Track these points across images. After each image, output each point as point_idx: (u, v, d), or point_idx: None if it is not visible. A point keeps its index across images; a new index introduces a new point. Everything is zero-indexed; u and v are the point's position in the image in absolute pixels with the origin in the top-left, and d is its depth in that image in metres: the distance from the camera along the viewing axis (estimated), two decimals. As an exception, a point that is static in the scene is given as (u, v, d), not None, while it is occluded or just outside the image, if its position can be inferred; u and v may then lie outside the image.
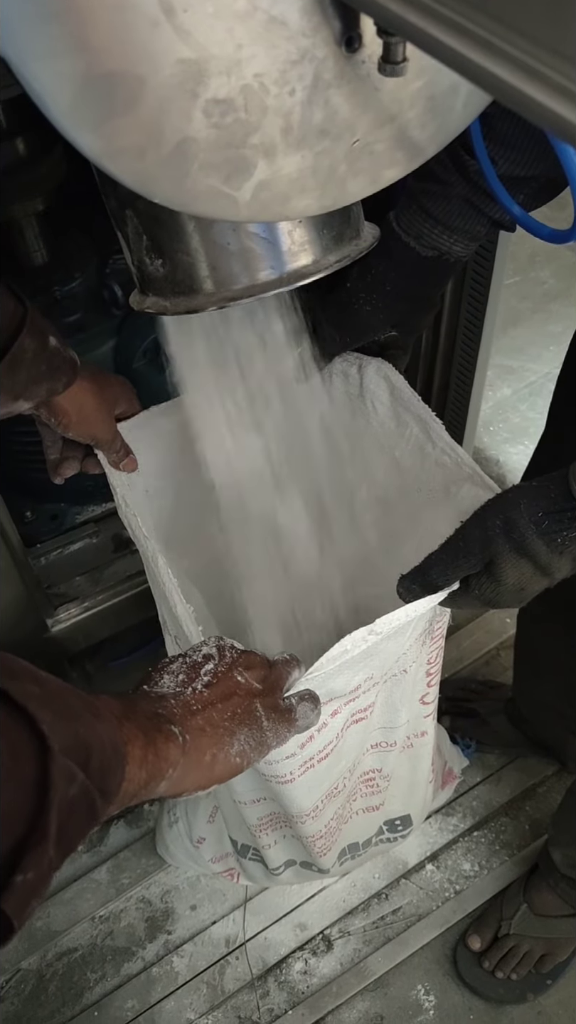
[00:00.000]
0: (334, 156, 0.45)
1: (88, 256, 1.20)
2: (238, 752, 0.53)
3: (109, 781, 0.44)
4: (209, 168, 0.42)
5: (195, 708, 0.53)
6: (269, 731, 0.55)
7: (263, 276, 0.56)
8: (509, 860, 1.23)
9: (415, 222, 0.75)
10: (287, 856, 0.96)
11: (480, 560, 0.63)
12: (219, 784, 0.54)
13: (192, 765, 0.51)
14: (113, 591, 1.24)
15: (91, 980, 1.17)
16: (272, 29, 0.39)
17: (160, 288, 0.58)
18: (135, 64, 0.37)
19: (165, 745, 0.49)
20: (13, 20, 0.33)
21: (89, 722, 0.44)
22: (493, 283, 1.15)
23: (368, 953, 1.17)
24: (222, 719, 0.53)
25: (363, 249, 0.59)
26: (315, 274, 0.56)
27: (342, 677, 0.69)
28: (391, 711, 0.82)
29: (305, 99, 0.42)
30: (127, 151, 0.39)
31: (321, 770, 0.75)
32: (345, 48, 0.42)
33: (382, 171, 0.48)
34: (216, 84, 0.39)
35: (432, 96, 0.46)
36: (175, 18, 0.36)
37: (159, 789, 0.49)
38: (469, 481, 0.77)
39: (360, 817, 0.95)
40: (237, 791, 0.82)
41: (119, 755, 0.46)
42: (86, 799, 0.42)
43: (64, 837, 0.40)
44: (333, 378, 0.88)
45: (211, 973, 1.16)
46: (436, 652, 0.80)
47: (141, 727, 0.49)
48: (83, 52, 0.36)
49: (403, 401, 0.85)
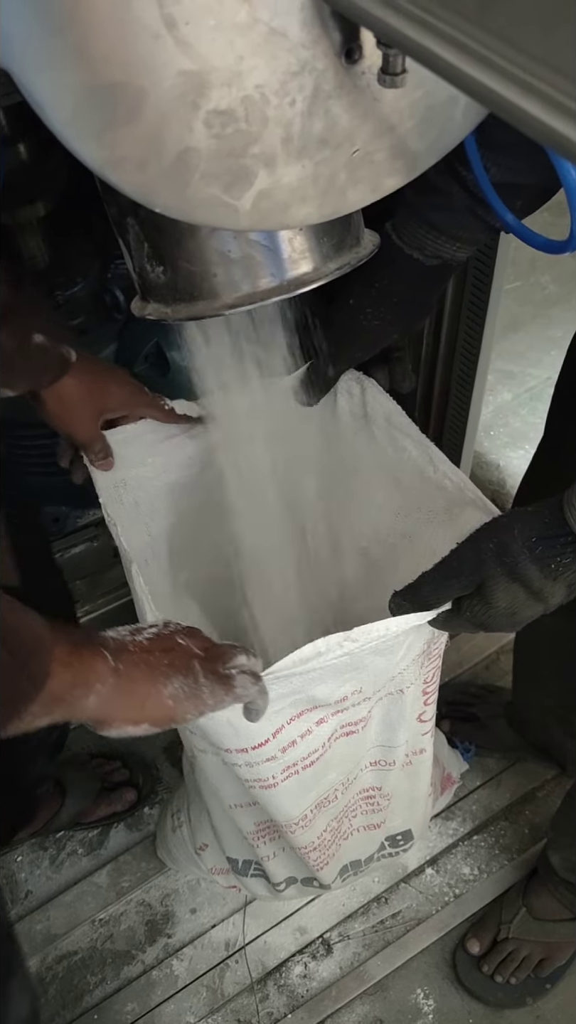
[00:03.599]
0: (334, 166, 0.46)
1: (90, 260, 1.20)
2: (171, 694, 0.54)
3: (31, 663, 0.46)
4: (210, 178, 0.42)
5: (132, 649, 0.54)
6: (205, 687, 0.56)
7: (264, 283, 0.56)
8: (508, 864, 1.23)
9: (417, 234, 0.76)
10: (288, 872, 0.96)
11: (472, 582, 0.64)
12: (152, 726, 0.54)
13: (123, 691, 0.52)
14: (113, 595, 1.25)
15: (91, 983, 1.17)
16: (273, 41, 0.39)
17: (161, 295, 0.58)
18: (137, 76, 0.37)
19: (92, 657, 0.51)
20: (16, 32, 0.34)
21: (14, 612, 0.46)
22: (493, 288, 1.15)
23: (368, 957, 1.17)
24: (159, 663, 0.54)
25: (363, 256, 0.59)
26: (316, 281, 0.57)
27: (325, 685, 0.69)
28: (389, 730, 0.82)
29: (305, 110, 0.43)
30: (128, 161, 0.40)
31: (307, 777, 0.76)
32: (345, 59, 0.42)
33: (382, 180, 0.49)
34: (217, 95, 0.39)
35: (431, 106, 0.46)
36: (176, 31, 0.37)
37: (88, 703, 0.50)
38: (471, 505, 0.77)
39: (361, 834, 0.96)
40: (224, 793, 0.82)
41: (42, 644, 0.47)
42: (11, 679, 0.44)
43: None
44: (337, 396, 0.89)
45: (211, 976, 1.16)
46: (433, 672, 0.81)
47: (68, 636, 0.50)
48: (85, 64, 0.36)
49: (399, 427, 0.86)
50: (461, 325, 1.25)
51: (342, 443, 0.93)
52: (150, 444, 0.87)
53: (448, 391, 1.36)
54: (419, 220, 0.76)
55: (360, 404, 0.90)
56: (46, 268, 1.18)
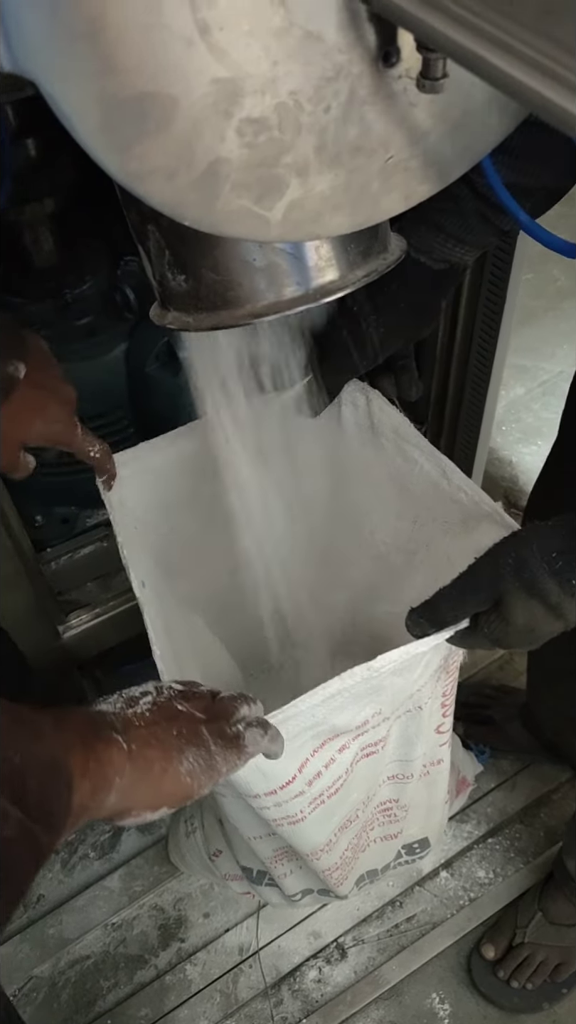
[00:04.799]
0: (368, 173, 0.44)
1: (99, 258, 1.18)
2: (187, 771, 0.50)
3: (53, 808, 0.41)
4: (241, 188, 0.41)
5: (138, 724, 0.50)
6: (218, 755, 0.52)
7: (289, 292, 0.54)
8: (524, 868, 1.22)
9: (426, 239, 0.75)
10: (304, 885, 0.95)
11: (489, 597, 0.62)
12: (168, 808, 0.50)
13: (140, 775, 0.48)
14: (124, 597, 1.23)
15: (104, 988, 1.17)
16: (308, 45, 0.37)
17: (182, 303, 0.57)
18: (168, 84, 0.35)
19: (107, 749, 0.46)
20: (42, 41, 0.32)
21: (21, 742, 0.40)
22: (511, 281, 1.13)
23: (382, 961, 1.16)
24: (168, 736, 0.50)
25: (391, 263, 0.57)
26: (342, 290, 0.55)
27: (346, 713, 0.68)
28: (407, 745, 0.81)
29: (340, 116, 0.41)
30: (157, 173, 0.38)
31: (332, 805, 0.74)
32: (382, 63, 0.40)
33: (415, 187, 0.47)
34: (250, 103, 0.38)
35: (468, 111, 0.44)
36: (210, 36, 0.35)
37: (108, 801, 0.46)
38: (488, 519, 0.76)
39: (378, 845, 0.95)
40: (244, 827, 0.81)
41: (61, 774, 0.42)
42: (26, 839, 0.38)
43: (4, 886, 0.36)
44: (342, 407, 0.88)
45: (224, 981, 1.16)
46: (451, 685, 0.80)
47: (78, 732, 0.45)
48: (114, 73, 0.34)
49: (408, 439, 0.84)
50: (477, 319, 1.23)
51: (348, 454, 0.91)
52: (151, 463, 0.85)
53: (463, 387, 1.34)
54: (427, 224, 0.74)
55: (366, 415, 0.88)
56: (55, 266, 1.16)
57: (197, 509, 0.90)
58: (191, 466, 0.87)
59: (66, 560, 1.29)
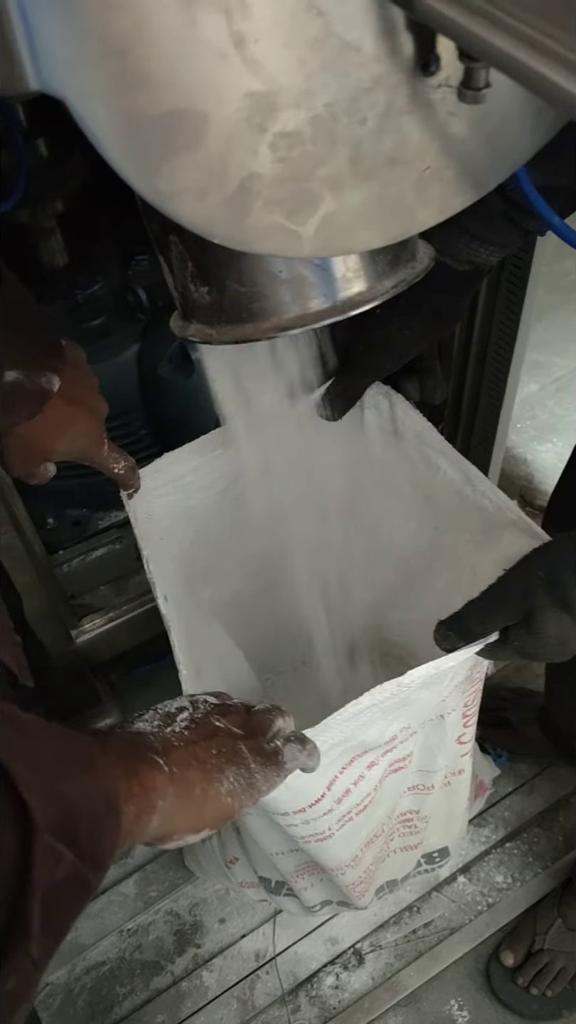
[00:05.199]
0: (403, 185, 0.42)
1: (111, 258, 1.16)
2: (228, 791, 0.49)
3: (103, 846, 0.39)
4: (273, 204, 0.39)
5: (177, 744, 0.49)
6: (257, 773, 0.51)
7: (315, 305, 0.53)
8: (543, 872, 1.21)
9: (450, 240, 0.73)
10: (323, 896, 0.94)
11: (520, 611, 0.61)
12: (210, 830, 0.49)
13: (182, 799, 0.46)
14: (138, 601, 1.22)
15: (120, 994, 1.16)
16: (345, 56, 0.36)
17: (205, 316, 0.55)
18: (200, 100, 0.34)
19: (149, 773, 0.45)
20: (70, 58, 0.30)
21: (76, 775, 0.39)
22: (531, 276, 1.11)
23: (400, 967, 1.15)
24: (207, 756, 0.49)
25: (419, 272, 0.56)
26: (370, 302, 0.53)
27: (375, 728, 0.67)
28: (428, 756, 0.80)
29: (376, 127, 0.39)
30: (188, 192, 0.36)
31: (360, 821, 0.73)
32: (420, 72, 0.38)
33: (451, 198, 0.45)
34: (285, 117, 0.36)
35: (507, 118, 0.43)
36: (245, 49, 0.33)
37: (151, 826, 0.44)
38: (513, 527, 0.74)
39: (398, 855, 0.94)
40: (267, 843, 0.80)
41: (113, 811, 0.41)
42: (77, 879, 0.37)
43: (50, 928, 0.35)
44: (364, 411, 0.86)
45: (241, 988, 1.15)
46: (474, 695, 0.78)
47: (120, 756, 0.44)
48: (145, 89, 0.32)
49: (432, 444, 0.83)
50: (496, 314, 1.21)
51: (371, 458, 0.90)
52: (176, 474, 0.84)
53: (480, 384, 1.32)
54: (452, 225, 0.72)
55: (389, 420, 0.87)
56: (66, 267, 1.14)
57: (220, 516, 0.88)
58: (215, 474, 0.86)
59: (79, 562, 1.28)
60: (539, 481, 1.61)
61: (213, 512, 0.89)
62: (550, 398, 1.73)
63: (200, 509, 0.88)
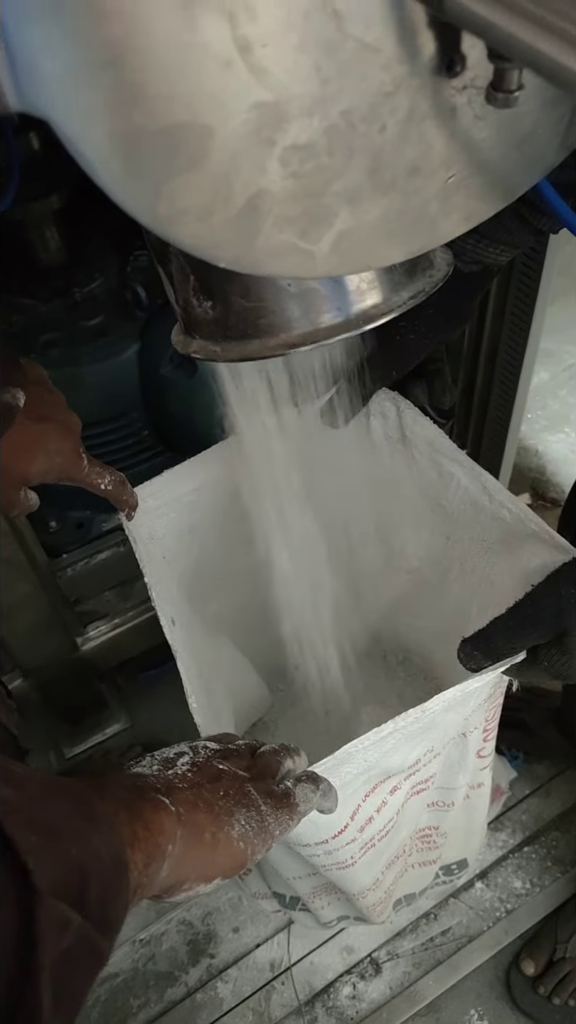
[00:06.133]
0: (426, 195, 0.39)
1: (108, 255, 1.13)
2: (240, 835, 0.45)
3: (112, 906, 0.36)
4: (283, 223, 0.35)
5: (180, 786, 0.45)
6: (269, 816, 0.47)
7: (327, 320, 0.49)
8: (562, 877, 1.18)
9: (457, 239, 0.69)
10: (339, 913, 0.92)
11: (551, 631, 0.58)
12: (221, 879, 0.45)
13: (192, 842, 0.43)
14: (144, 606, 1.19)
15: (134, 1006, 1.14)
16: (364, 58, 0.32)
17: (209, 332, 0.51)
18: (203, 113, 0.30)
19: (155, 814, 0.41)
20: (57, 74, 0.27)
21: (78, 831, 0.36)
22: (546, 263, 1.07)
23: (418, 976, 1.13)
24: (214, 798, 0.46)
25: (438, 281, 0.52)
26: (386, 315, 0.49)
27: (399, 754, 0.64)
28: (450, 774, 0.77)
29: (397, 135, 0.35)
30: (190, 213, 0.33)
31: (382, 847, 0.71)
32: (445, 73, 0.35)
33: (476, 207, 0.41)
34: (297, 128, 0.32)
35: (539, 120, 0.39)
36: (251, 55, 0.29)
37: (161, 875, 0.41)
38: (534, 538, 0.71)
39: (416, 870, 0.91)
40: (285, 869, 0.77)
41: (120, 864, 0.37)
42: (86, 945, 0.34)
43: (62, 1003, 0.32)
44: (370, 418, 0.83)
45: (257, 999, 1.13)
46: (494, 711, 0.76)
47: (121, 801, 0.41)
48: (141, 103, 0.29)
49: (444, 452, 0.79)
50: (508, 302, 1.17)
51: (379, 466, 0.87)
52: (178, 491, 0.81)
53: (492, 375, 1.28)
54: None
55: (396, 427, 0.83)
56: (63, 265, 1.10)
57: (224, 530, 0.85)
58: (218, 489, 0.83)
59: (82, 566, 1.25)
60: (551, 473, 1.57)
61: (217, 527, 0.86)
62: (562, 387, 1.69)
63: (204, 525, 0.85)
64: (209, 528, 0.85)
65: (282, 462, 0.80)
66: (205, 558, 0.87)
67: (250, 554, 0.91)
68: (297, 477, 0.83)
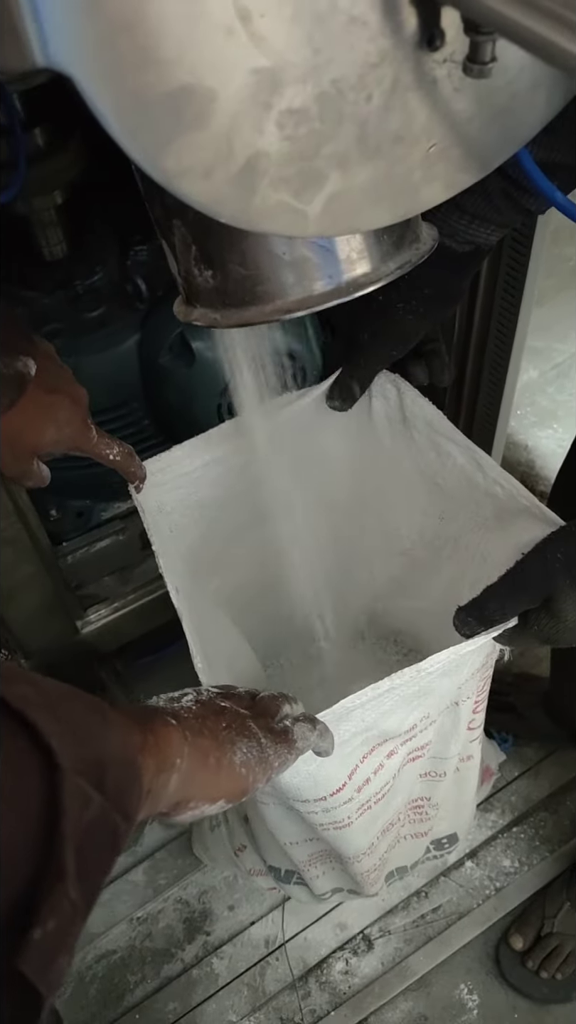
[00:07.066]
0: (409, 163, 0.42)
1: (110, 249, 1.16)
2: (242, 762, 0.49)
3: (128, 798, 0.39)
4: (279, 183, 0.39)
5: (187, 716, 0.48)
6: (269, 748, 0.51)
7: (319, 287, 0.52)
8: (550, 856, 1.21)
9: (449, 220, 0.73)
10: (334, 884, 0.94)
11: (539, 595, 0.61)
12: (226, 801, 0.48)
13: (197, 762, 0.46)
14: (144, 590, 1.22)
15: (131, 982, 1.17)
16: (352, 30, 0.35)
17: (209, 300, 0.55)
18: (207, 76, 0.33)
19: (164, 729, 0.45)
20: (79, 35, 0.30)
21: (95, 727, 0.39)
22: (532, 261, 1.11)
23: (409, 952, 1.16)
24: (218, 728, 0.49)
25: (424, 253, 0.55)
26: (375, 283, 0.53)
27: (395, 716, 0.67)
28: (442, 742, 0.80)
29: (382, 104, 0.39)
30: (195, 170, 0.36)
31: (378, 810, 0.74)
32: (426, 47, 0.38)
33: (457, 176, 0.45)
34: (291, 93, 0.36)
35: (515, 94, 0.42)
36: (251, 24, 0.33)
37: (171, 786, 0.44)
38: (526, 513, 0.74)
39: (408, 842, 0.94)
40: (283, 834, 0.80)
41: (135, 766, 0.40)
42: (107, 823, 0.36)
43: (86, 872, 0.33)
44: (372, 400, 0.86)
45: (251, 974, 1.16)
46: (485, 682, 0.79)
47: (131, 715, 0.44)
48: (153, 65, 0.32)
49: (442, 431, 0.82)
50: (496, 300, 1.20)
51: (379, 447, 0.90)
52: (187, 466, 0.84)
53: (481, 371, 1.32)
54: (450, 205, 0.72)
55: (397, 408, 0.86)
56: (65, 258, 1.13)
57: (228, 508, 0.88)
58: (224, 467, 0.86)
59: (83, 553, 1.28)
60: (540, 467, 1.61)
61: (222, 504, 0.88)
62: (550, 384, 1.73)
63: (210, 502, 0.88)
64: (214, 505, 0.87)
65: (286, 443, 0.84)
66: (210, 535, 0.90)
67: (252, 533, 0.94)
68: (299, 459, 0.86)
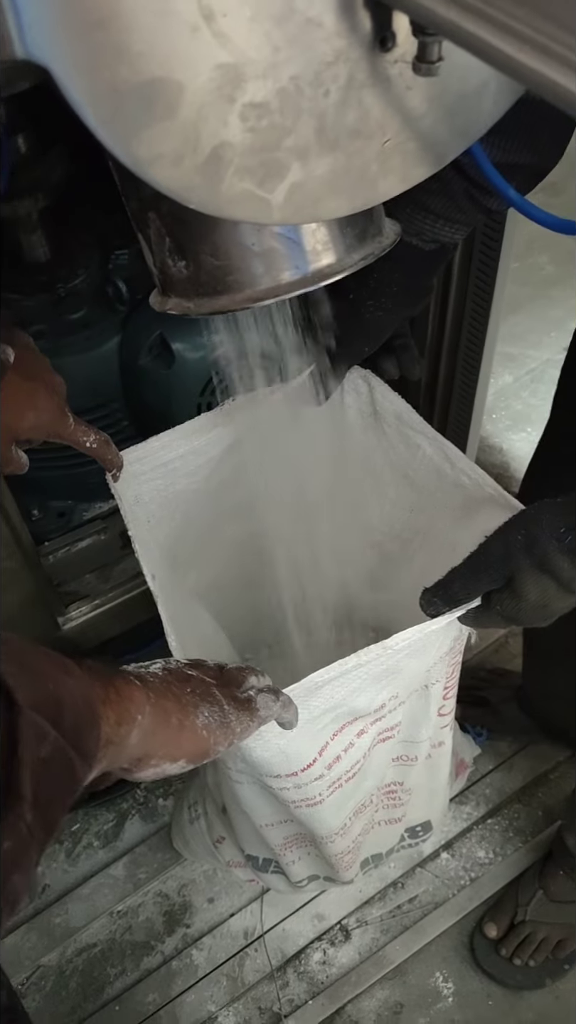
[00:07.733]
0: (366, 156, 0.45)
1: (91, 252, 1.19)
2: (204, 725, 0.51)
3: (85, 739, 0.41)
4: (244, 172, 0.42)
5: (152, 680, 0.50)
6: (231, 715, 0.53)
7: (287, 276, 0.55)
8: (523, 847, 1.24)
9: (415, 220, 0.76)
10: (310, 871, 0.96)
11: (501, 575, 0.63)
12: (187, 762, 0.51)
13: (159, 721, 0.48)
14: (123, 588, 1.24)
15: (111, 975, 1.18)
16: (308, 31, 0.38)
17: (183, 290, 0.58)
18: (174, 70, 0.36)
19: (126, 686, 0.47)
20: (56, 29, 0.33)
21: (57, 676, 0.41)
22: (500, 269, 1.15)
23: (386, 942, 1.18)
24: (182, 692, 0.51)
25: (386, 247, 0.58)
26: (339, 273, 0.56)
27: (365, 695, 0.69)
28: (413, 726, 0.82)
29: (339, 100, 0.42)
30: (164, 158, 0.39)
31: (348, 789, 0.76)
32: (379, 48, 0.41)
33: (412, 170, 0.48)
34: (253, 88, 0.39)
35: (463, 93, 0.46)
36: (214, 23, 0.36)
37: (131, 740, 0.46)
38: (491, 502, 0.77)
39: (382, 828, 0.96)
40: (258, 815, 0.82)
41: (93, 712, 0.42)
42: (62, 758, 0.38)
43: (42, 801, 0.36)
44: (344, 394, 0.89)
45: (231, 965, 1.17)
46: (454, 667, 0.81)
47: (95, 670, 0.46)
48: (125, 59, 0.35)
49: (411, 424, 0.85)
50: (467, 308, 1.24)
51: (351, 441, 0.93)
52: (164, 457, 0.86)
53: (453, 375, 1.35)
54: (415, 206, 0.75)
55: (368, 402, 0.89)
56: (47, 261, 1.16)
57: (204, 501, 0.91)
58: (200, 460, 0.88)
59: (64, 553, 1.30)
60: (514, 470, 1.65)
61: (198, 497, 0.91)
62: (524, 389, 1.77)
63: (187, 494, 0.90)
64: (192, 499, 0.90)
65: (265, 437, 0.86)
66: (188, 527, 0.92)
67: (229, 526, 0.96)
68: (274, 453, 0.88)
